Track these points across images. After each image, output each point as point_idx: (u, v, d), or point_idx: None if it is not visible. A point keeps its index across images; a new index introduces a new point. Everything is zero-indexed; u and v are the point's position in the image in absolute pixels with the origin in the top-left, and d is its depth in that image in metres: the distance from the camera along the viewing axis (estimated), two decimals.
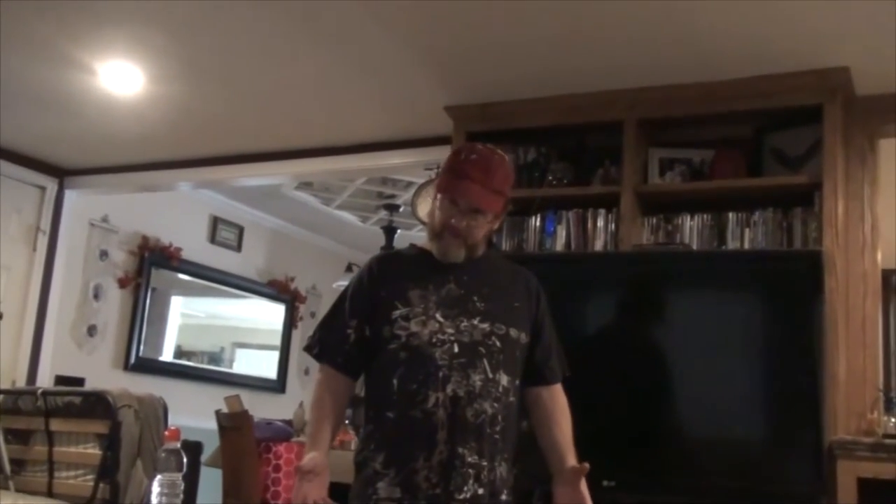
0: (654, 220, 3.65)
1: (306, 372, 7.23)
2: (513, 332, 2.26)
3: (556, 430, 2.33)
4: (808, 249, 3.28)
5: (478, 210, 2.24)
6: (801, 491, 2.90)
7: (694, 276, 3.32)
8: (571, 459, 2.30)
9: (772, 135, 3.60)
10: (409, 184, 5.77)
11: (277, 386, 7.18)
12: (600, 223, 3.70)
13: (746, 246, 3.47)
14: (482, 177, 2.24)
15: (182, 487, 2.36)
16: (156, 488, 2.28)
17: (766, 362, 3.14)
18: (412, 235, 5.58)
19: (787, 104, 3.44)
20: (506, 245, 3.84)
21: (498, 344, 2.22)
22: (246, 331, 7.40)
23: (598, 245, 3.67)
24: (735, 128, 3.67)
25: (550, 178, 3.84)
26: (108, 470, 3.68)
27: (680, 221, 3.60)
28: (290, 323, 7.30)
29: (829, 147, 3.33)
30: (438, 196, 2.29)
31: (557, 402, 2.37)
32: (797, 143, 3.52)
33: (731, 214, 3.52)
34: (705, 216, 3.57)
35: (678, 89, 3.55)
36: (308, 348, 2.36)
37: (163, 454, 2.33)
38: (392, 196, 6.20)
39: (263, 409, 5.71)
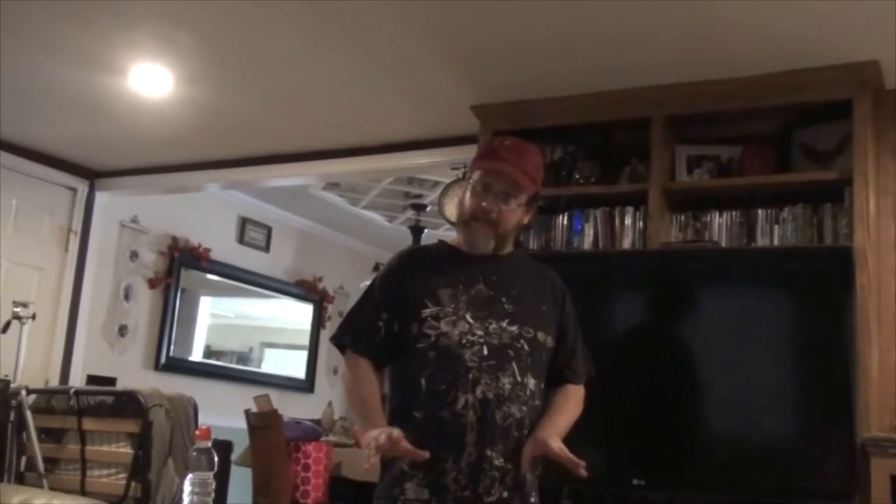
0: (683, 218, 3.63)
1: (335, 371, 7.26)
2: (540, 336, 2.25)
3: (562, 405, 2.27)
4: (839, 245, 3.25)
5: (510, 193, 2.24)
6: (833, 488, 2.87)
7: (723, 274, 3.29)
8: (561, 424, 2.22)
9: (800, 130, 3.57)
10: (436, 183, 5.77)
11: (306, 385, 7.22)
12: (628, 221, 3.68)
13: (776, 243, 3.44)
14: (516, 159, 2.25)
15: (213, 486, 2.37)
16: (188, 487, 2.29)
17: (797, 359, 3.12)
18: (439, 235, 5.58)
19: (816, 99, 3.41)
20: (533, 244, 3.83)
21: (526, 347, 2.21)
22: (274, 331, 7.44)
23: (626, 243, 3.66)
24: (763, 124, 3.64)
25: (577, 176, 3.83)
26: (139, 469, 3.72)
27: (708, 218, 3.58)
28: (318, 323, 7.34)
29: (859, 142, 3.29)
30: (471, 180, 2.28)
31: (570, 396, 2.33)
32: (826, 138, 3.48)
33: (760, 211, 3.49)
34: (734, 213, 3.54)
35: (705, 85, 3.53)
36: (336, 339, 2.33)
37: (194, 453, 2.34)
38: (419, 196, 6.21)
39: (292, 408, 5.74)
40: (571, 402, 2.33)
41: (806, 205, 3.43)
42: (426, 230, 6.36)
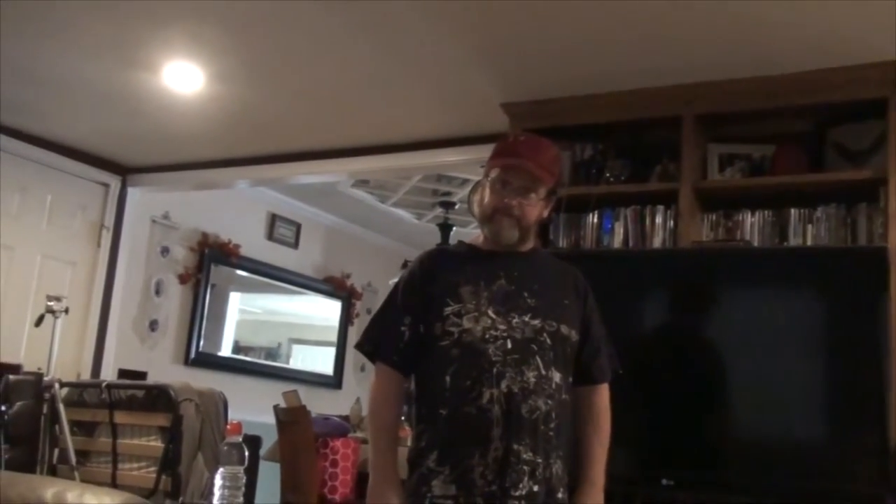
0: (714, 217, 3.60)
1: (362, 368, 7.29)
2: (563, 329, 2.25)
3: (594, 438, 2.33)
4: (873, 246, 3.21)
5: (529, 187, 2.24)
6: (866, 491, 2.84)
7: (755, 274, 3.26)
8: (598, 473, 2.29)
9: (834, 129, 3.53)
10: (465, 181, 5.77)
11: (334, 382, 7.25)
12: (658, 220, 3.66)
13: (809, 242, 3.40)
14: (533, 153, 2.26)
15: (244, 480, 2.40)
16: (218, 481, 2.32)
17: (830, 361, 3.08)
18: (468, 233, 5.58)
19: (850, 98, 3.36)
20: (563, 242, 3.82)
21: (549, 341, 2.22)
22: (302, 327, 7.48)
23: (657, 242, 3.64)
24: (796, 122, 3.60)
25: (608, 174, 3.81)
26: (169, 462, 3.76)
27: (740, 218, 3.55)
28: (346, 319, 7.37)
29: (894, 141, 3.25)
30: (489, 177, 2.29)
31: (602, 406, 2.36)
32: (861, 137, 3.44)
33: (792, 210, 3.46)
34: (766, 212, 3.51)
35: (737, 84, 3.50)
36: (360, 347, 2.36)
37: (225, 447, 2.37)
38: (447, 193, 6.21)
39: (320, 404, 5.77)
40: (602, 432, 2.34)
41: (840, 205, 3.39)
42: (455, 228, 6.36)
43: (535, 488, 2.15)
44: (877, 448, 2.84)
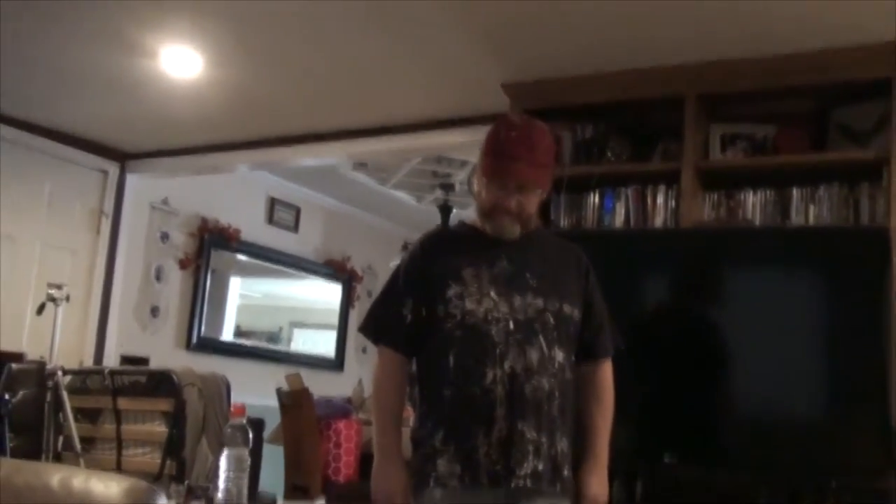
0: (716, 197, 3.60)
1: (364, 350, 7.30)
2: (566, 308, 2.26)
3: (598, 415, 2.35)
4: (876, 226, 3.21)
5: (526, 186, 2.25)
6: (867, 466, 2.86)
7: (757, 253, 3.27)
8: (602, 449, 2.32)
9: (837, 109, 3.51)
10: (465, 162, 5.75)
11: (336, 364, 7.26)
12: (660, 200, 3.65)
13: (811, 222, 3.40)
14: (527, 153, 2.23)
15: (249, 462, 2.40)
16: (223, 463, 2.32)
17: (832, 339, 3.09)
18: (468, 215, 5.56)
19: (853, 78, 3.35)
20: (564, 222, 3.81)
21: (552, 320, 2.22)
22: (303, 310, 7.48)
23: (658, 222, 3.63)
24: (798, 102, 3.58)
25: (609, 154, 3.80)
26: (174, 447, 3.76)
27: (742, 198, 3.54)
28: (347, 302, 7.37)
29: None
30: (484, 176, 2.29)
31: (605, 382, 2.38)
32: (864, 117, 3.42)
33: (795, 190, 3.45)
34: (768, 192, 3.50)
35: (740, 63, 3.48)
36: (364, 330, 2.36)
37: (229, 430, 2.37)
38: (447, 175, 6.19)
39: (322, 387, 5.77)
40: (606, 408, 2.36)
41: (842, 184, 3.38)
42: (455, 209, 6.34)
43: (540, 466, 2.17)
44: (878, 425, 2.86)
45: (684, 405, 3.12)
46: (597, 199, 3.79)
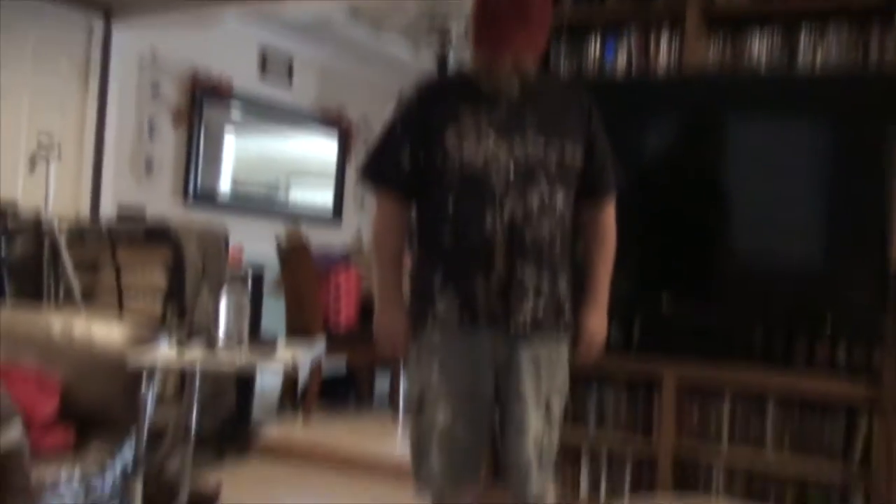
0: (721, 41, 3.49)
1: (361, 205, 7.31)
2: (568, 148, 2.22)
3: (598, 256, 2.36)
4: (884, 73, 3.13)
5: (521, 51, 2.19)
6: (862, 308, 2.90)
7: (761, 100, 3.21)
8: (602, 291, 2.35)
9: None
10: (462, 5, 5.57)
11: (334, 216, 7.28)
12: (663, 45, 3.54)
13: (819, 65, 3.31)
14: (517, 18, 2.15)
15: (248, 310, 2.42)
16: (223, 308, 2.34)
17: (834, 186, 3.07)
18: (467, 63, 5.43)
19: None
20: (564, 70, 3.71)
21: (554, 162, 2.19)
22: (300, 164, 7.41)
23: (661, 67, 3.54)
24: None
25: None
26: (174, 295, 3.80)
27: (748, 41, 3.43)
28: (343, 155, 7.32)
29: None
30: (476, 47, 2.22)
31: (606, 223, 2.38)
32: None
33: (803, 31, 3.34)
34: (775, 34, 3.39)
35: None
36: (362, 176, 2.33)
37: (228, 277, 2.38)
38: (444, 17, 6.01)
39: (321, 239, 5.81)
40: (607, 250, 2.37)
41: (852, 25, 3.27)
42: (452, 63, 6.21)
43: (541, 307, 2.18)
44: (876, 267, 2.88)
45: (684, 249, 3.13)
46: (598, 47, 3.67)
